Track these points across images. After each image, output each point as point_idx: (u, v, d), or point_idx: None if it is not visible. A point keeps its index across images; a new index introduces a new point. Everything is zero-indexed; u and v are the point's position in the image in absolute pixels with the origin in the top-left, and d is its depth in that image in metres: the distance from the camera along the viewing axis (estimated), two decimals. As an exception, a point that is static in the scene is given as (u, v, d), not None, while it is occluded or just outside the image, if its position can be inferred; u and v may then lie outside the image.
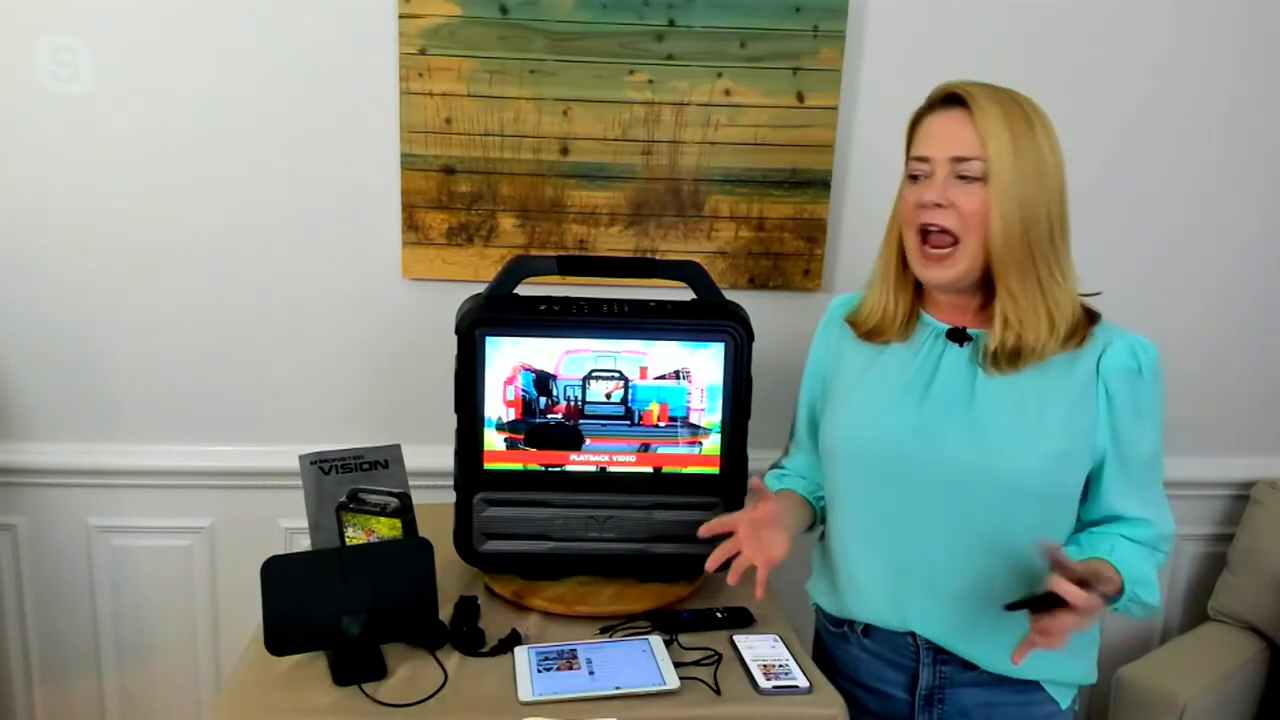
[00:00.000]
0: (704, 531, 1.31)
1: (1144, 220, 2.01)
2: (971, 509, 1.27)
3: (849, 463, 1.36)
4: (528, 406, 1.47)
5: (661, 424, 1.49)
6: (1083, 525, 1.32)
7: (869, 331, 1.37)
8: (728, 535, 1.28)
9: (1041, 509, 1.27)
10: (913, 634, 1.35)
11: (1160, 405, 1.29)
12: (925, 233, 1.25)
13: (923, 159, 1.25)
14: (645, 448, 1.50)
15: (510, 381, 1.46)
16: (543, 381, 1.46)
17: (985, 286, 1.28)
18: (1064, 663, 1.33)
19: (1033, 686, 1.33)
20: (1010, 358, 1.25)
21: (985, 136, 1.20)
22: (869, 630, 1.39)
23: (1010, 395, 1.26)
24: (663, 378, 1.47)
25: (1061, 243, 1.24)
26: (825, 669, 1.40)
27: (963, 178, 1.21)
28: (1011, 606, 1.17)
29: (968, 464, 1.26)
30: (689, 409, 1.48)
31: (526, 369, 1.46)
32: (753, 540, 1.27)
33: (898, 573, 1.33)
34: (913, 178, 1.27)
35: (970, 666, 1.32)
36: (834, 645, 1.46)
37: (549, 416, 1.47)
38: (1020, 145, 1.20)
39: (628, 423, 1.48)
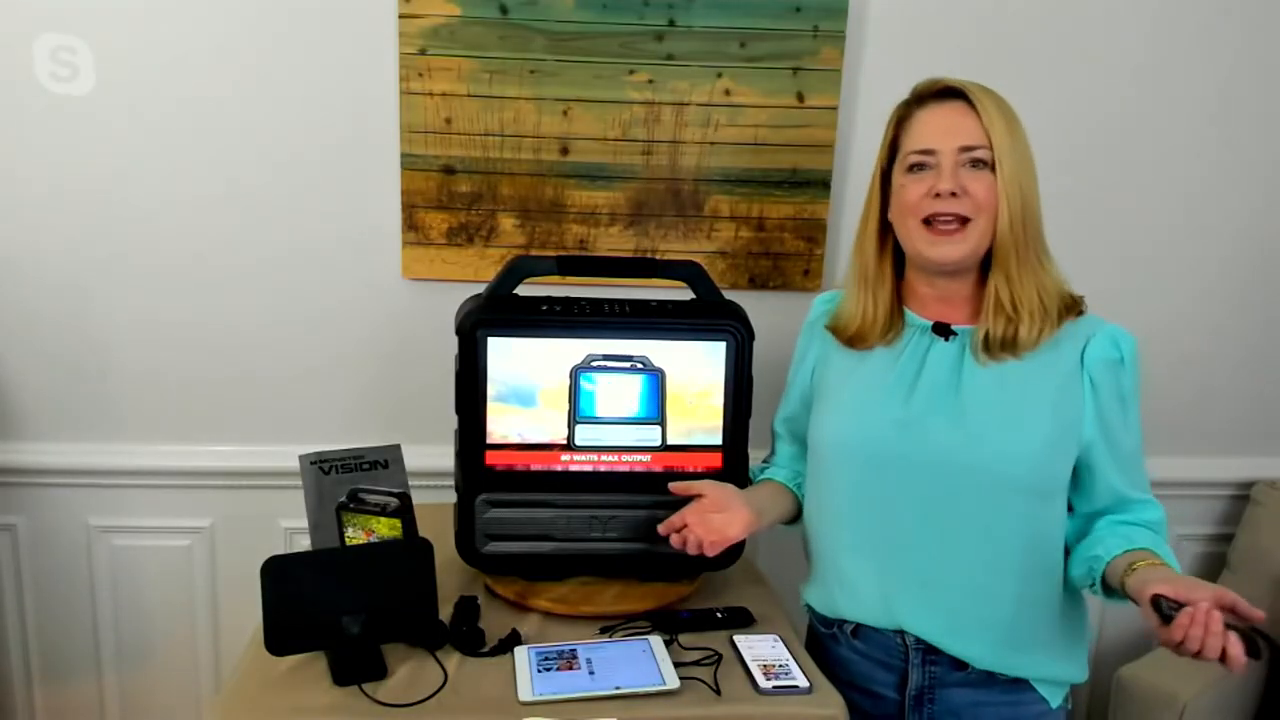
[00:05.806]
0: (662, 529, 1.39)
1: (1145, 220, 2.00)
2: (960, 502, 1.27)
3: (838, 461, 1.36)
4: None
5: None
6: (1087, 518, 1.33)
7: (851, 338, 1.37)
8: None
9: (1029, 502, 1.27)
10: (902, 634, 1.35)
11: (1138, 394, 1.31)
12: (929, 219, 1.26)
13: (928, 151, 1.26)
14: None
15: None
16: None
17: (977, 276, 1.31)
18: (1052, 661, 1.33)
19: (1022, 685, 1.33)
20: (1006, 344, 1.27)
21: (989, 126, 1.23)
22: (858, 631, 1.39)
23: (997, 387, 1.27)
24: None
25: (1042, 230, 1.29)
26: None
27: (972, 164, 1.24)
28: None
29: (955, 456, 1.26)
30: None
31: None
32: (701, 524, 1.36)
33: (888, 570, 1.33)
34: (912, 169, 1.28)
35: (960, 666, 1.33)
36: (825, 646, 1.46)
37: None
38: (1015, 135, 1.25)
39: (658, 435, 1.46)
